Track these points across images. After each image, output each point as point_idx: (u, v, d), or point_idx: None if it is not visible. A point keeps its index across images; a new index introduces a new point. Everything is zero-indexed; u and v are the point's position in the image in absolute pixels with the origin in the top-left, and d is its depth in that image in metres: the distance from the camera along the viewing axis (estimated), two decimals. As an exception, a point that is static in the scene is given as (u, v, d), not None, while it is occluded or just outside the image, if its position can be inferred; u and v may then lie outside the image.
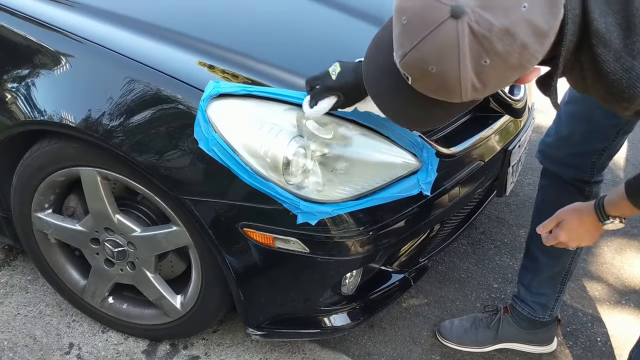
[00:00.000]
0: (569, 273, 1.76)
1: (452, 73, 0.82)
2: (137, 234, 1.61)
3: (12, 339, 1.86)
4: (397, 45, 0.86)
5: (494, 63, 0.81)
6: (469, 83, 0.83)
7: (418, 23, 0.82)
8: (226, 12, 1.86)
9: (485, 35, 0.79)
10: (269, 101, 1.42)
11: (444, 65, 0.82)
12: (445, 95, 0.87)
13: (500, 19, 0.78)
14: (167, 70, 1.45)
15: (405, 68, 0.86)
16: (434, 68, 0.82)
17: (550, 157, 1.64)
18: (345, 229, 1.43)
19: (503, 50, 0.80)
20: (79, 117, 1.47)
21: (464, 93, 0.85)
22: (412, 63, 0.84)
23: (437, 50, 0.81)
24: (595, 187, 1.63)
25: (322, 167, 1.41)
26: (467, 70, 0.81)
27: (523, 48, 0.80)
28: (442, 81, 0.84)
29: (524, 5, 0.79)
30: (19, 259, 2.13)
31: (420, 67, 0.84)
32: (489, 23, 0.78)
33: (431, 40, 0.81)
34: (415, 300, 2.08)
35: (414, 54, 0.83)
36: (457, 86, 0.84)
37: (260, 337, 1.66)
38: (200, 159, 1.39)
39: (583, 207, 1.26)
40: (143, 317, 1.81)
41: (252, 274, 1.52)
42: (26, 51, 1.54)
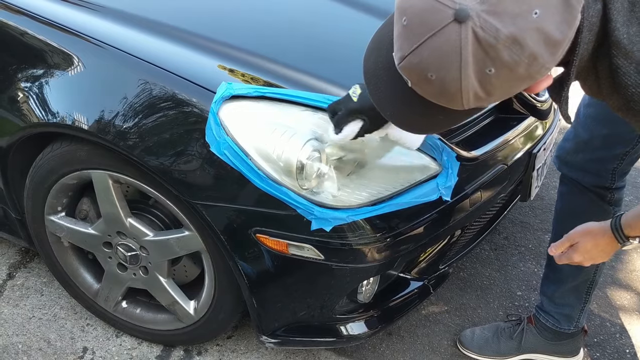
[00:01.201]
0: (595, 282, 1.69)
1: (453, 82, 0.76)
2: (149, 238, 1.59)
3: (26, 342, 1.85)
4: (396, 46, 0.80)
5: (500, 73, 0.74)
6: (472, 92, 0.77)
7: (418, 25, 0.75)
8: (244, 13, 1.83)
9: (490, 42, 0.72)
10: (283, 103, 1.38)
11: (444, 72, 0.75)
12: (446, 102, 0.80)
13: (508, 26, 0.71)
14: (180, 72, 1.42)
15: (404, 72, 0.80)
16: (433, 75, 0.76)
17: (569, 163, 1.58)
18: (362, 235, 1.39)
19: (510, 59, 0.73)
20: (92, 119, 1.45)
21: (465, 101, 0.78)
22: (410, 68, 0.78)
23: (437, 57, 0.75)
24: (617, 193, 1.57)
25: (337, 171, 1.37)
26: (470, 78, 0.75)
27: (532, 58, 0.74)
28: (442, 89, 0.78)
29: (536, 11, 0.72)
30: (35, 261, 2.13)
31: (418, 72, 0.78)
32: (495, 30, 0.71)
33: (431, 45, 0.74)
34: (435, 307, 2.02)
35: (412, 59, 0.77)
36: (458, 95, 0.77)
37: (275, 345, 1.62)
38: (211, 163, 1.36)
39: (597, 229, 1.21)
40: (156, 322, 1.79)
41: (266, 280, 1.48)
42: (39, 53, 1.53)
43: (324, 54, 1.71)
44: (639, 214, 1.14)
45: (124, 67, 1.46)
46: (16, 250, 2.16)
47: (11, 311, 1.94)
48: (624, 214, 1.19)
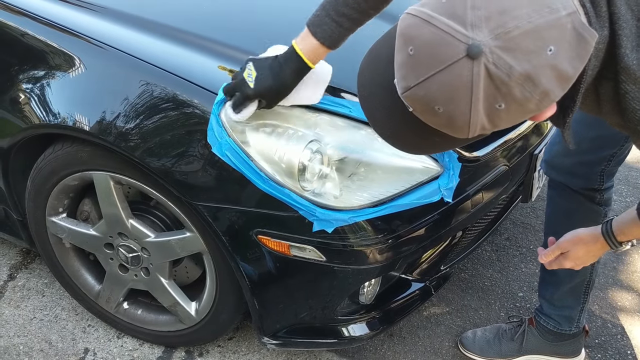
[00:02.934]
0: (591, 282, 1.69)
1: (462, 116, 0.73)
2: (151, 239, 1.59)
3: (27, 343, 1.85)
4: (399, 73, 0.76)
5: (510, 108, 0.72)
6: (479, 125, 0.74)
7: (427, 57, 0.72)
8: (245, 14, 1.83)
9: (503, 79, 0.69)
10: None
11: (453, 107, 0.72)
12: (450, 132, 0.77)
13: (523, 63, 0.69)
14: (182, 73, 1.42)
15: (407, 100, 0.76)
16: (440, 108, 0.73)
17: (556, 167, 1.58)
18: (363, 236, 1.39)
19: (522, 96, 0.71)
20: (93, 120, 1.45)
21: (471, 133, 0.75)
22: (415, 98, 0.75)
23: (447, 91, 0.71)
24: (606, 193, 1.57)
25: (339, 172, 1.37)
26: (479, 113, 0.72)
27: (544, 95, 0.72)
28: (448, 121, 0.75)
29: (550, 48, 0.69)
30: (36, 262, 2.13)
31: (424, 104, 0.74)
32: (508, 67, 0.69)
33: (441, 80, 0.71)
34: (437, 309, 2.02)
35: (418, 91, 0.73)
36: (465, 127, 0.74)
37: (276, 346, 1.62)
38: (213, 164, 1.36)
39: (588, 236, 1.21)
40: (158, 323, 1.79)
41: (267, 282, 1.48)
42: (40, 54, 1.53)
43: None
44: (629, 218, 1.14)
45: (125, 68, 1.46)
46: (17, 251, 2.16)
47: (12, 312, 1.94)
48: (614, 219, 1.19)
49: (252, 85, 1.24)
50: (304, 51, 1.23)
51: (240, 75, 1.27)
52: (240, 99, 1.27)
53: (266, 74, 1.24)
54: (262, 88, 1.24)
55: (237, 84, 1.27)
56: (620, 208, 2.46)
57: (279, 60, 1.25)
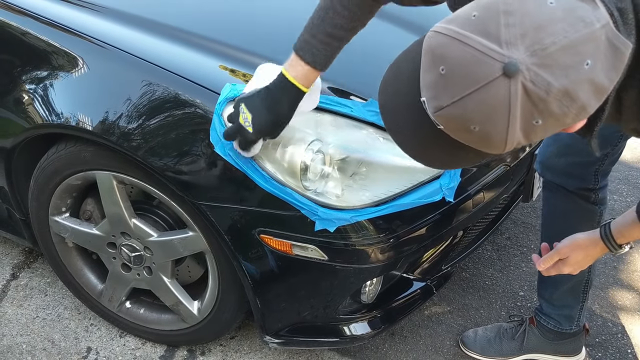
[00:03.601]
0: (590, 281, 1.70)
1: (499, 134, 0.71)
2: (153, 238, 1.59)
3: (30, 342, 1.85)
4: (430, 93, 0.74)
5: (547, 123, 0.71)
6: (515, 141, 0.73)
7: (461, 77, 0.70)
8: (246, 14, 1.83)
9: (541, 96, 0.68)
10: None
11: (490, 126, 0.71)
12: (484, 148, 0.76)
13: (560, 79, 0.68)
14: (184, 73, 1.43)
15: (440, 120, 0.74)
16: (476, 127, 0.71)
17: (551, 168, 1.58)
18: (365, 236, 1.39)
19: (560, 112, 0.70)
20: (96, 120, 1.45)
21: (506, 149, 0.74)
22: (449, 118, 0.73)
23: (484, 111, 0.70)
24: (601, 193, 1.58)
25: (340, 172, 1.38)
26: (515, 131, 0.71)
27: (581, 109, 0.71)
28: (483, 139, 0.73)
29: (587, 62, 0.68)
30: (39, 261, 2.13)
31: (459, 123, 0.73)
32: (546, 84, 0.67)
33: (477, 99, 0.69)
34: (438, 308, 2.02)
35: (453, 110, 0.72)
36: (501, 144, 0.73)
37: (278, 345, 1.62)
38: (216, 163, 1.36)
39: (586, 241, 1.21)
40: (160, 322, 1.79)
41: (269, 281, 1.49)
42: (44, 54, 1.54)
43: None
44: (629, 220, 1.14)
45: (128, 68, 1.46)
46: (20, 250, 2.17)
47: (15, 311, 1.95)
48: (612, 221, 1.19)
49: (251, 129, 1.22)
50: (297, 78, 1.20)
51: (235, 119, 1.24)
52: (244, 144, 1.26)
53: (261, 112, 1.21)
54: (261, 128, 1.22)
55: (236, 130, 1.24)
56: (620, 208, 2.47)
57: (271, 91, 1.22)
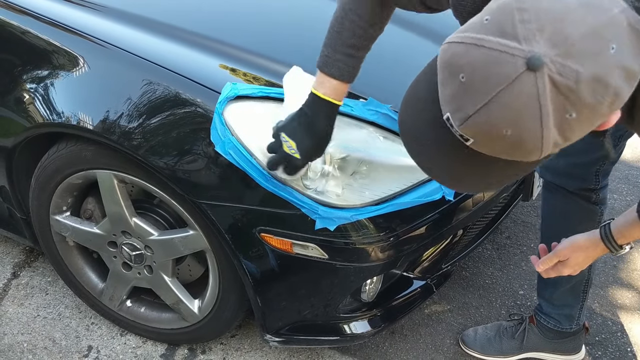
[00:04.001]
0: (590, 280, 1.70)
1: (532, 135, 0.68)
2: (154, 237, 1.60)
3: (31, 340, 1.86)
4: (452, 106, 0.71)
5: (582, 116, 0.68)
6: (551, 142, 0.69)
7: (483, 81, 0.67)
8: (246, 14, 1.84)
9: (571, 87, 0.65)
10: (287, 103, 1.39)
11: (522, 127, 0.67)
12: (520, 157, 0.72)
13: (588, 66, 0.65)
14: (185, 72, 1.43)
15: (467, 131, 0.71)
16: (508, 131, 0.68)
17: (551, 169, 1.58)
18: (365, 234, 1.40)
19: (593, 101, 0.67)
20: (96, 119, 1.45)
21: (544, 152, 0.70)
22: (477, 127, 0.69)
23: (513, 112, 0.67)
24: (601, 193, 1.57)
25: (341, 171, 1.38)
26: (550, 129, 0.68)
27: (615, 96, 0.68)
28: (517, 144, 0.69)
29: (612, 46, 0.66)
30: (39, 260, 2.14)
31: (488, 130, 0.69)
32: (575, 73, 0.65)
33: (504, 100, 0.66)
34: (438, 306, 2.03)
35: (479, 118, 0.68)
36: (537, 147, 0.69)
37: (279, 344, 1.63)
38: (216, 162, 1.37)
39: (586, 242, 1.21)
40: (161, 321, 1.80)
41: (270, 279, 1.49)
42: (45, 53, 1.54)
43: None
44: (629, 220, 1.13)
45: (129, 67, 1.47)
46: (20, 249, 2.17)
47: (16, 310, 1.95)
48: (612, 222, 1.18)
49: (299, 156, 1.23)
50: (328, 94, 1.21)
51: (278, 148, 1.25)
52: (292, 169, 1.27)
53: (303, 138, 1.22)
54: (308, 152, 1.23)
55: (281, 159, 1.26)
56: (620, 207, 2.47)
57: (306, 113, 1.23)
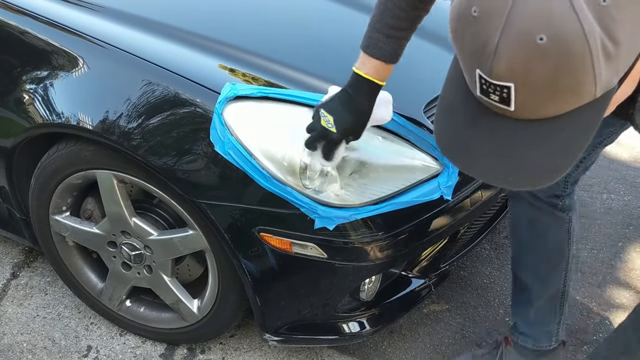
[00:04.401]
0: (566, 292, 1.61)
1: (571, 25, 0.58)
2: (153, 237, 1.60)
3: (31, 340, 1.86)
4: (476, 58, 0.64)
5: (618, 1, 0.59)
6: (599, 43, 0.59)
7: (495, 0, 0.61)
8: (245, 14, 1.84)
9: None
10: (286, 103, 1.40)
11: (556, 19, 0.58)
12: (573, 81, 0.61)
13: None
14: (184, 73, 1.44)
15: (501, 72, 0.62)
16: (543, 36, 0.59)
17: None
18: (364, 234, 1.40)
19: None
20: (96, 119, 1.46)
21: (596, 64, 0.60)
22: (509, 53, 0.61)
23: (538, 7, 0.59)
24: (568, 199, 1.50)
25: (340, 171, 1.39)
26: (587, 16, 0.58)
27: None
28: (562, 53, 0.59)
29: None
30: (39, 260, 2.14)
31: (522, 50, 0.60)
32: None
33: (524, 1, 0.59)
34: (437, 306, 2.03)
35: (505, 38, 0.61)
36: (587, 51, 0.59)
37: (278, 343, 1.63)
38: (216, 162, 1.37)
39: None
40: (160, 320, 1.80)
41: (269, 279, 1.50)
42: (44, 54, 1.54)
43: (324, 53, 1.73)
44: None
45: (128, 68, 1.47)
46: (20, 249, 2.17)
47: (15, 310, 1.95)
48: None
49: (335, 130, 1.23)
50: (370, 74, 1.21)
51: (317, 125, 1.25)
52: (329, 147, 1.26)
53: (342, 113, 1.22)
54: (345, 127, 1.23)
55: (319, 134, 1.25)
56: (618, 207, 2.48)
57: (348, 92, 1.23)
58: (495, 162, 0.71)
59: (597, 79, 0.61)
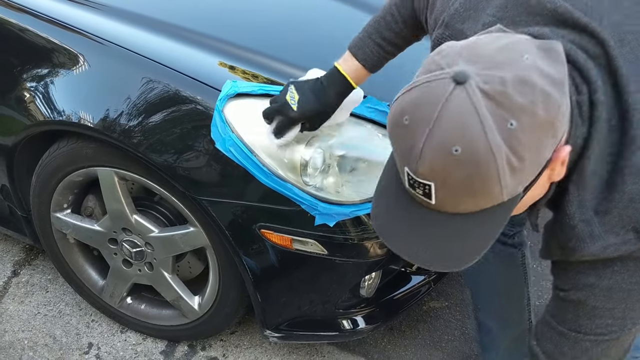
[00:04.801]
0: (532, 329, 1.55)
1: (481, 145, 0.68)
2: (154, 234, 1.61)
3: (32, 338, 1.87)
4: (405, 158, 0.73)
5: (523, 124, 0.69)
6: (505, 158, 0.69)
7: (421, 112, 0.70)
8: (245, 11, 1.85)
9: (499, 91, 0.68)
10: (287, 101, 1.40)
11: (468, 135, 0.68)
12: (481, 188, 0.71)
13: (508, 71, 0.69)
14: (185, 70, 1.44)
15: (424, 172, 0.71)
16: (458, 148, 0.68)
17: None
18: (364, 230, 1.41)
19: (526, 102, 0.68)
20: (97, 117, 1.46)
21: (502, 175, 0.69)
22: (430, 158, 0.70)
23: (455, 123, 0.68)
24: (517, 237, 1.50)
25: (340, 168, 1.39)
26: (496, 138, 0.68)
27: (546, 96, 0.70)
28: (472, 164, 0.69)
29: (525, 56, 0.71)
30: (39, 258, 2.14)
31: (441, 157, 0.69)
32: (499, 78, 0.69)
33: (445, 120, 0.69)
34: (436, 303, 2.04)
35: (429, 145, 0.70)
36: (493, 165, 0.68)
37: (278, 339, 1.64)
38: (217, 159, 1.38)
39: None
40: (161, 317, 1.81)
41: (270, 275, 1.50)
42: (45, 51, 1.55)
43: (323, 51, 1.73)
44: None
45: (129, 65, 1.48)
46: (20, 247, 2.18)
47: (16, 308, 1.96)
48: None
49: (295, 108, 1.23)
50: (348, 73, 1.24)
51: (281, 98, 1.26)
52: (283, 123, 1.26)
53: (309, 97, 1.24)
54: (306, 110, 1.24)
55: (279, 107, 1.26)
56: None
57: (321, 82, 1.26)
58: (415, 242, 0.80)
59: (504, 186, 0.71)
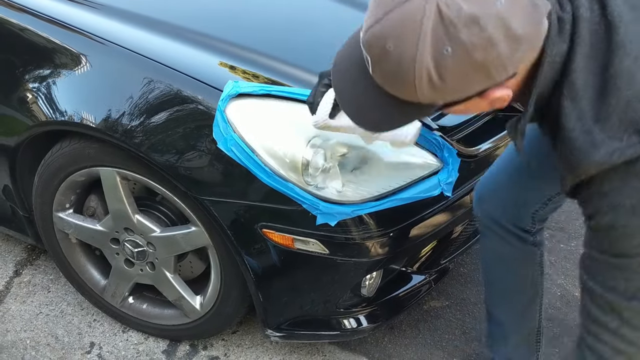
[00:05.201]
0: (540, 328, 1.60)
1: (409, 52, 0.77)
2: (156, 234, 1.61)
3: (34, 337, 1.87)
4: (365, 23, 0.83)
5: (456, 53, 0.75)
6: (425, 71, 0.77)
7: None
8: (245, 12, 1.85)
9: (452, 19, 0.74)
10: (288, 101, 1.41)
11: (402, 42, 0.77)
12: (400, 85, 0.81)
13: (472, 6, 0.74)
14: (187, 70, 1.45)
15: (367, 46, 0.82)
16: (391, 45, 0.78)
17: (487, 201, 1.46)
18: (365, 230, 1.42)
19: (468, 40, 0.74)
20: (99, 117, 1.47)
21: (418, 83, 0.79)
22: (373, 39, 0.80)
23: (398, 25, 0.77)
24: (539, 235, 1.47)
25: (341, 167, 1.40)
26: (425, 53, 0.76)
27: (490, 43, 0.75)
28: (397, 63, 0.78)
29: (501, 1, 0.74)
30: (41, 258, 2.15)
31: (379, 43, 0.79)
32: (458, 7, 0.74)
33: (395, 15, 0.77)
34: (437, 302, 2.05)
35: (375, 28, 0.79)
36: (412, 71, 0.78)
37: (280, 339, 1.65)
38: (219, 159, 1.39)
39: None
40: (163, 317, 1.81)
41: (272, 275, 1.51)
42: (47, 52, 1.56)
43: (324, 51, 1.73)
44: None
45: (130, 66, 1.48)
46: (22, 247, 2.18)
47: (19, 308, 1.97)
48: None
49: None
50: None
51: None
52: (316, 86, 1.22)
53: None
54: None
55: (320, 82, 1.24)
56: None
57: None
58: (351, 95, 0.91)
59: (419, 93, 0.80)
